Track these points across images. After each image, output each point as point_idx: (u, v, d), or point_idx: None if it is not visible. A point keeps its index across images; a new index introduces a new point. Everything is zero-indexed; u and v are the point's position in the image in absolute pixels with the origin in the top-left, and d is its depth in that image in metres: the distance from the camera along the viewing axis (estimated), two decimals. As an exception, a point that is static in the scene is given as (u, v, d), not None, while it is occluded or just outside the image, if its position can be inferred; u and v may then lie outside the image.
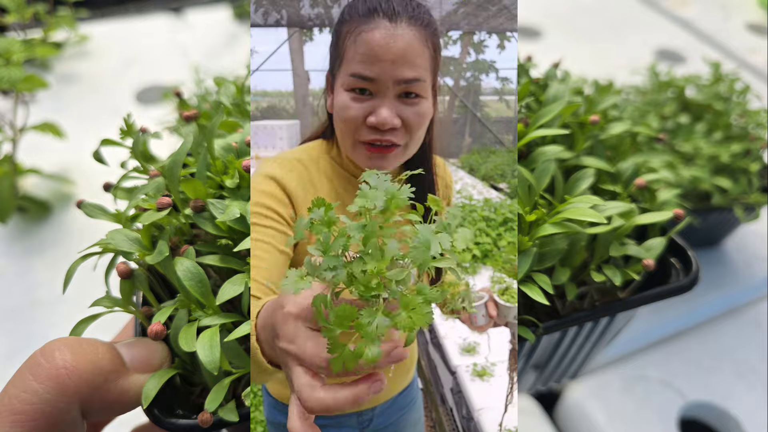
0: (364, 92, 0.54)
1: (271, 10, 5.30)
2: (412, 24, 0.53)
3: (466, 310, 0.59)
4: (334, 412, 0.33)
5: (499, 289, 0.62)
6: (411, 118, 0.55)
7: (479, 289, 0.63)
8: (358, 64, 0.53)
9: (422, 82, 0.54)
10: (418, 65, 0.54)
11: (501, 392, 0.68)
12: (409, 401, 0.77)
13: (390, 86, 0.53)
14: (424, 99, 0.56)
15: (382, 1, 0.54)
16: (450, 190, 0.70)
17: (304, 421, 0.34)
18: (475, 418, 1.22)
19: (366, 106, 0.54)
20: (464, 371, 1.44)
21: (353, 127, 0.55)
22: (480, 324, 0.61)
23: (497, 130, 6.49)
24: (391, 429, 0.75)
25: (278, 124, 5.05)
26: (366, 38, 0.53)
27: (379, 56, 0.52)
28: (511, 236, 2.30)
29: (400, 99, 0.54)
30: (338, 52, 0.56)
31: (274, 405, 0.69)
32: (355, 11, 0.55)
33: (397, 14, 0.53)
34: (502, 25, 5.76)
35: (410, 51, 0.53)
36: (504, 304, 0.60)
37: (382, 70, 0.52)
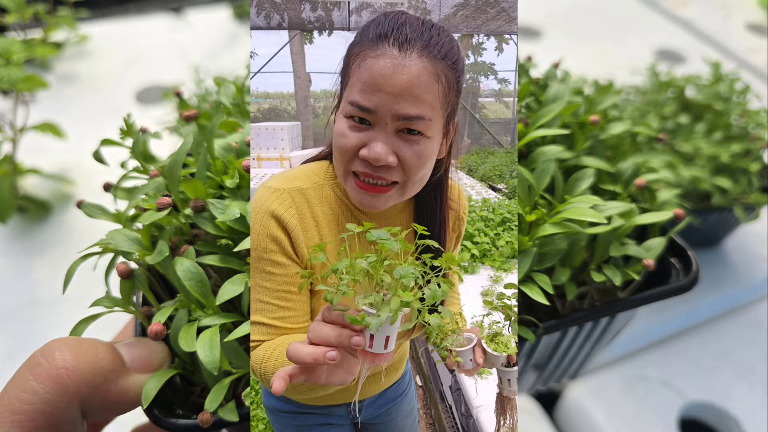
0: (364, 122, 0.50)
1: (273, 13, 5.30)
2: (424, 55, 0.49)
3: (452, 355, 0.58)
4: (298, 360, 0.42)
5: (488, 334, 0.59)
6: (408, 158, 0.50)
7: (468, 330, 0.61)
8: (358, 92, 0.49)
9: (426, 120, 0.49)
10: (423, 101, 0.49)
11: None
12: (400, 392, 0.77)
13: (389, 121, 0.49)
14: (428, 138, 0.51)
15: (395, 27, 0.49)
16: (462, 223, 0.66)
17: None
18: (474, 416, 1.22)
19: (362, 136, 0.50)
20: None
21: (347, 157, 0.51)
22: (467, 368, 0.59)
23: (495, 132, 6.50)
24: (382, 419, 0.76)
25: (279, 126, 5.06)
26: (370, 66, 0.49)
27: (380, 87, 0.48)
28: (509, 236, 2.31)
29: (401, 135, 0.50)
30: (345, 74, 0.53)
31: (269, 391, 0.69)
32: (366, 34, 0.51)
33: (408, 42, 0.49)
34: (500, 27, 5.77)
35: (416, 85, 0.48)
36: (491, 353, 0.58)
37: (382, 103, 0.48)
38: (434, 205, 0.60)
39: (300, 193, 0.55)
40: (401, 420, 0.78)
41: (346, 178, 0.53)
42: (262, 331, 0.53)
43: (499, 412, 0.64)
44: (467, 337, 0.59)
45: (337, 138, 0.52)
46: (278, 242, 0.53)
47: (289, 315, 0.54)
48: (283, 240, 0.53)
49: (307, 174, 0.58)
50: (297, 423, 0.69)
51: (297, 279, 0.54)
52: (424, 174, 0.53)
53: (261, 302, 0.53)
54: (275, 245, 0.53)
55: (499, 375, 0.61)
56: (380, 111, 0.49)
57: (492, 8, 5.10)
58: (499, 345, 0.58)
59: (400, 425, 0.78)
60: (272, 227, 0.53)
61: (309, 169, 0.59)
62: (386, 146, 0.50)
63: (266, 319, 0.53)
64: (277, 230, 0.53)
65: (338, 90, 0.56)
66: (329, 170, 0.58)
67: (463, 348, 0.58)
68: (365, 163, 0.51)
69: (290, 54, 5.82)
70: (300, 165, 0.61)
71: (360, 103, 0.49)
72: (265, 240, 0.53)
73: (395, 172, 0.51)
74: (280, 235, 0.53)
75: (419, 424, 1.30)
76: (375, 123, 0.50)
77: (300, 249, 0.54)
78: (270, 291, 0.53)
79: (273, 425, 0.72)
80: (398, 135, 0.50)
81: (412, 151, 0.50)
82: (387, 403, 0.75)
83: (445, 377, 1.55)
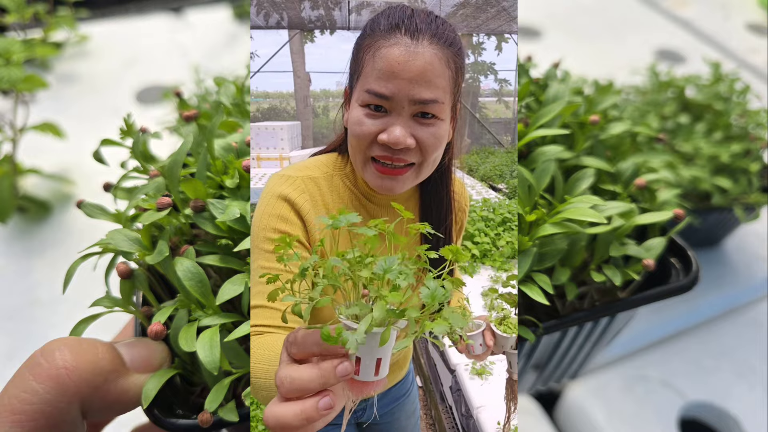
0: (380, 109, 0.52)
1: (272, 13, 5.30)
2: (434, 42, 0.52)
3: (462, 339, 0.58)
4: (285, 428, 0.34)
5: (497, 318, 0.61)
6: (426, 139, 0.53)
7: (477, 317, 0.62)
8: (374, 80, 0.52)
9: (440, 103, 0.52)
10: (436, 86, 0.52)
11: (500, 390, 0.68)
12: (404, 392, 0.77)
13: (405, 105, 0.52)
14: (441, 121, 0.53)
15: (405, 18, 0.52)
16: (464, 214, 0.68)
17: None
18: (474, 416, 1.22)
19: (380, 122, 0.52)
20: (463, 370, 1.44)
21: (365, 144, 0.53)
22: (477, 353, 0.60)
23: (496, 131, 6.49)
24: (386, 419, 0.76)
25: (279, 125, 5.06)
26: (385, 54, 0.51)
27: (396, 74, 0.51)
28: (509, 236, 2.31)
29: (416, 119, 0.53)
30: (356, 66, 0.55)
31: None
32: (377, 26, 0.53)
33: (419, 31, 0.51)
34: (500, 27, 5.76)
35: (430, 70, 0.51)
36: (501, 335, 0.59)
37: (399, 89, 0.51)
38: (441, 191, 0.62)
39: (312, 180, 0.57)
40: (404, 420, 0.78)
41: (365, 165, 0.55)
42: (264, 314, 0.52)
43: (509, 397, 0.64)
44: (476, 323, 0.60)
45: (354, 126, 0.54)
46: (289, 223, 0.54)
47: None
48: (295, 223, 0.54)
49: (318, 165, 0.60)
50: None
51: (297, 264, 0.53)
52: (437, 155, 0.56)
53: (262, 284, 0.52)
54: (285, 225, 0.53)
55: (509, 359, 0.62)
56: (397, 97, 0.51)
57: (492, 7, 5.10)
58: (508, 327, 0.59)
59: (403, 425, 0.78)
60: (285, 209, 0.54)
61: (318, 160, 0.61)
62: (404, 129, 0.52)
63: (266, 301, 0.51)
64: (290, 212, 0.54)
65: (347, 85, 0.58)
66: (338, 161, 0.60)
67: (472, 332, 0.59)
68: (384, 147, 0.53)
69: (290, 53, 5.82)
70: (309, 157, 0.62)
71: (377, 90, 0.51)
72: (275, 221, 0.53)
73: (413, 154, 0.54)
74: (292, 218, 0.54)
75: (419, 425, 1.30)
76: (392, 109, 0.52)
77: (313, 234, 0.55)
78: (270, 271, 0.52)
79: None
80: (414, 119, 0.53)
81: (428, 132, 0.53)
82: (391, 402, 0.75)
83: (445, 378, 1.55)
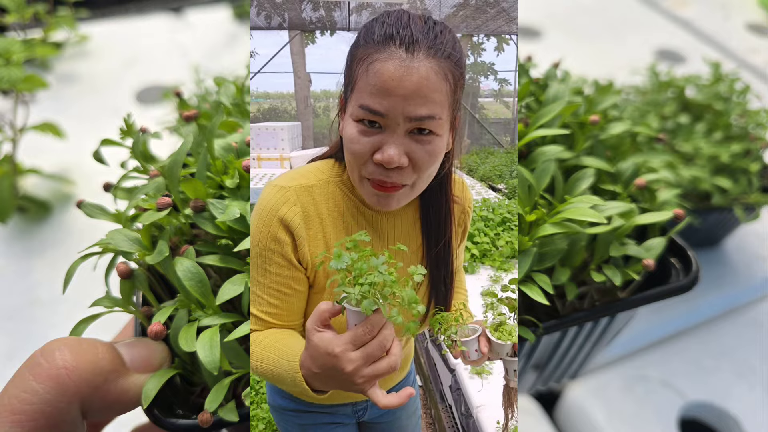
0: (374, 125, 0.50)
1: (273, 14, 5.30)
2: (430, 55, 0.49)
3: (457, 344, 0.58)
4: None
5: (492, 324, 0.60)
6: (420, 158, 0.51)
7: (473, 322, 0.61)
8: (368, 96, 0.49)
9: (436, 119, 0.50)
10: (433, 101, 0.50)
11: (500, 390, 0.68)
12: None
13: (401, 122, 0.49)
14: (438, 136, 0.51)
15: (400, 27, 0.50)
16: (467, 216, 0.66)
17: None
18: (474, 416, 1.22)
19: (374, 140, 0.51)
20: (463, 369, 1.44)
21: (360, 162, 0.52)
22: (472, 359, 0.59)
23: (495, 132, 6.49)
24: (387, 418, 0.75)
25: (279, 126, 5.06)
26: (378, 69, 0.49)
27: (390, 90, 0.48)
28: (509, 236, 2.31)
29: (411, 135, 0.51)
30: (350, 77, 0.53)
31: (275, 390, 0.69)
32: (370, 36, 0.51)
33: (415, 43, 0.49)
34: (500, 27, 5.76)
35: (426, 86, 0.49)
36: (496, 342, 0.58)
37: (393, 106, 0.49)
38: (440, 197, 0.61)
39: (306, 190, 0.56)
40: (405, 419, 0.78)
41: (361, 183, 0.54)
42: (255, 322, 0.55)
43: (506, 404, 0.64)
44: (472, 328, 0.59)
45: (349, 144, 0.52)
46: (279, 243, 0.54)
47: (276, 312, 0.55)
48: (285, 242, 0.54)
49: (314, 171, 0.59)
50: (302, 422, 0.69)
51: (289, 281, 0.55)
52: (433, 170, 0.54)
53: (255, 294, 0.55)
54: (276, 245, 0.54)
55: (505, 365, 0.61)
56: (391, 114, 0.49)
57: (492, 8, 5.10)
58: (503, 334, 0.58)
59: (404, 424, 0.78)
60: (275, 227, 0.54)
61: (315, 167, 0.60)
62: (398, 148, 0.50)
63: (257, 311, 0.55)
64: (280, 231, 0.54)
65: (342, 92, 0.56)
66: (335, 168, 0.59)
67: (467, 338, 0.58)
68: (378, 167, 0.51)
69: (290, 54, 5.82)
70: (307, 163, 0.61)
71: (371, 107, 0.49)
72: (266, 239, 0.54)
73: (406, 173, 0.52)
74: (282, 237, 0.54)
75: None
76: (386, 126, 0.50)
77: (302, 248, 0.55)
78: (263, 286, 0.55)
79: (278, 424, 0.72)
80: (409, 136, 0.51)
81: (423, 150, 0.51)
82: None
83: (444, 377, 1.55)
